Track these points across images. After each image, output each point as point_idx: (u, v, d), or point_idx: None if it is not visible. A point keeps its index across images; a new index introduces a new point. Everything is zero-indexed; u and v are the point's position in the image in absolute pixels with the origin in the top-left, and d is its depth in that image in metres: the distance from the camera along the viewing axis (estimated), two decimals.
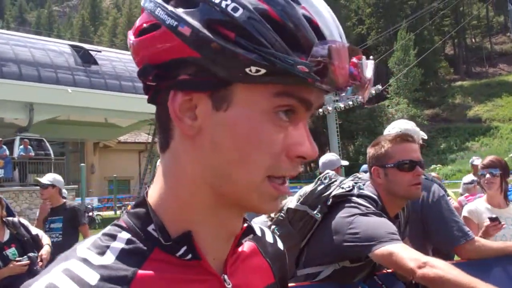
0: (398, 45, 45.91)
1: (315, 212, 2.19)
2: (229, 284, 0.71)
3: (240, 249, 0.79)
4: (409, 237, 2.36)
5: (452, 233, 2.46)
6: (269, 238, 0.90)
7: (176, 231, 0.68)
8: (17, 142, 18.70)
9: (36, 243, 4.06)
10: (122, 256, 0.65)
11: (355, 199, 2.09)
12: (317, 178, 2.31)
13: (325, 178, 2.27)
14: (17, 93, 19.04)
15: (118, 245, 0.66)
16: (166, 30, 0.62)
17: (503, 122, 44.64)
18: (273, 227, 2.26)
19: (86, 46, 25.19)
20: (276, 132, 0.63)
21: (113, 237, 0.67)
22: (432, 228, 2.55)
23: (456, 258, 2.68)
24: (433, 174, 6.39)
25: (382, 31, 50.49)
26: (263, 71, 0.59)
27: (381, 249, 1.82)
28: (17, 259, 3.81)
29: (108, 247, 0.66)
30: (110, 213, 24.86)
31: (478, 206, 3.32)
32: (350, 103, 32.33)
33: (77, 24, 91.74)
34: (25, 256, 3.83)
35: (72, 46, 23.62)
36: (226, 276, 0.72)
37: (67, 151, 27.35)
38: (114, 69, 23.03)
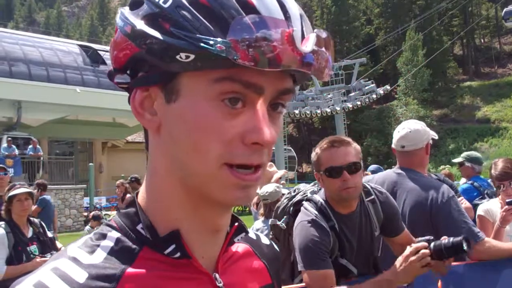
0: (407, 45, 45.70)
1: (280, 222, 2.37)
2: (220, 283, 0.71)
3: (233, 249, 0.79)
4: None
5: (461, 234, 2.44)
6: (265, 241, 0.90)
7: (164, 229, 0.68)
8: (4, 140, 17.80)
9: (52, 245, 4.24)
10: (112, 254, 0.66)
11: (304, 203, 2.20)
12: (287, 192, 2.48)
13: (294, 191, 2.43)
14: (25, 92, 19.14)
15: (108, 243, 0.67)
16: (120, 32, 0.66)
17: None
18: None
19: (95, 46, 25.27)
20: (225, 119, 0.62)
21: (104, 236, 0.68)
22: (441, 229, 2.53)
23: (467, 258, 2.66)
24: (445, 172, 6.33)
25: (391, 31, 50.35)
26: (192, 56, 0.59)
27: (304, 274, 2.00)
28: (41, 255, 3.95)
29: (98, 246, 0.66)
30: None
31: (493, 206, 3.31)
32: (358, 103, 32.25)
33: (86, 24, 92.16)
34: (48, 254, 3.97)
35: (81, 46, 23.74)
36: (217, 275, 0.72)
37: (75, 150, 27.48)
38: None
